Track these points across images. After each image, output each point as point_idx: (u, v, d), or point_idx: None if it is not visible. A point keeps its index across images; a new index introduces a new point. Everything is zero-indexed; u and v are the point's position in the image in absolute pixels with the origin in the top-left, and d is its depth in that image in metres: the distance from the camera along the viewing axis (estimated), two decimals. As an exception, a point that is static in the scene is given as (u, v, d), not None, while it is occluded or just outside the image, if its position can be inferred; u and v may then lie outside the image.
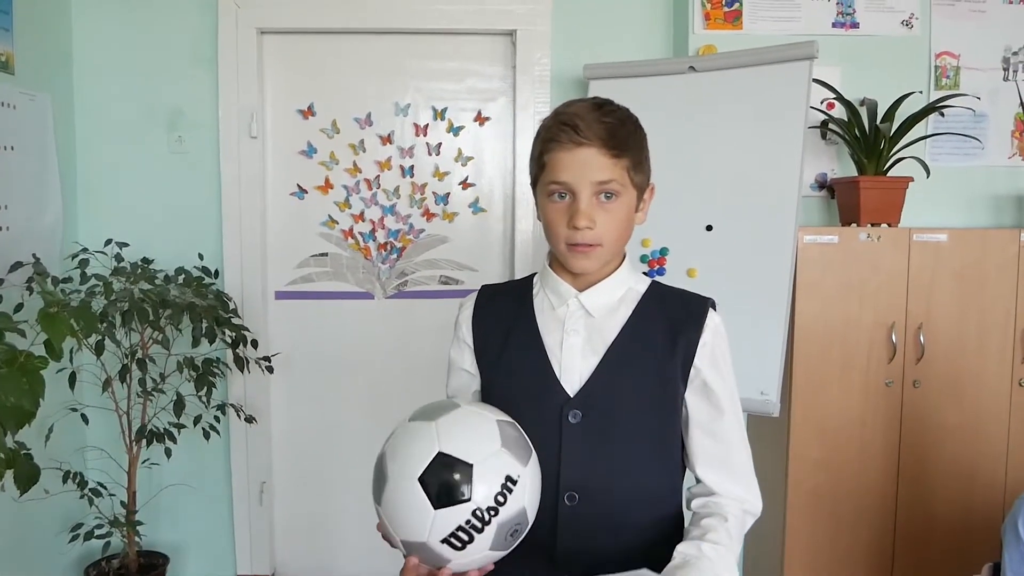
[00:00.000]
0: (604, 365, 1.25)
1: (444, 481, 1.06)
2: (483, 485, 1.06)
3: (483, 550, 1.08)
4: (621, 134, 1.21)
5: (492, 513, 1.06)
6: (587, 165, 1.19)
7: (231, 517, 3.12)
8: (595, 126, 1.19)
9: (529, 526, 1.13)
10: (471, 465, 1.06)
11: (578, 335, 1.27)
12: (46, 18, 2.80)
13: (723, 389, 1.28)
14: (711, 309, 1.30)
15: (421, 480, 1.06)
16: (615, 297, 1.29)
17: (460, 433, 1.10)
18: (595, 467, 1.24)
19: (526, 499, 1.10)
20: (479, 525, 1.06)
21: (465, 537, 1.06)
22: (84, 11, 2.94)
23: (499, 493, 1.06)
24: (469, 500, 1.05)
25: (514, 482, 1.08)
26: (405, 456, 1.10)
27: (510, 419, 1.16)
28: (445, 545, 1.07)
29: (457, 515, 1.05)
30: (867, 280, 2.56)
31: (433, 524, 1.06)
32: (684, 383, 1.27)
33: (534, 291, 1.35)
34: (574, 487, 1.24)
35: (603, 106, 1.23)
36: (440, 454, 1.07)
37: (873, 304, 2.56)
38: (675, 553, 1.18)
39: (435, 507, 1.06)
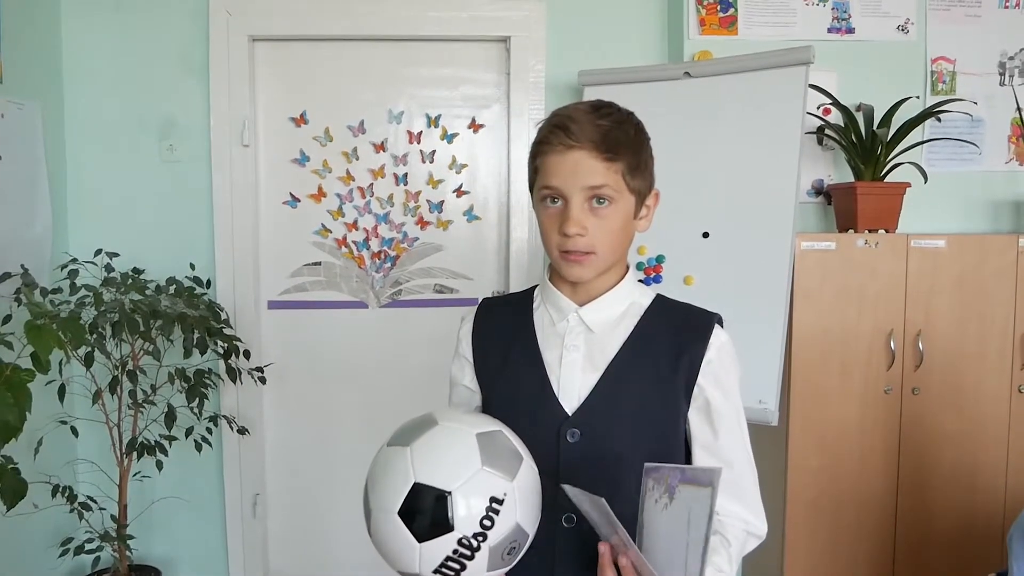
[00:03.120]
0: (603, 382, 1.21)
1: (423, 513, 1.01)
2: (465, 512, 1.01)
3: (480, 573, 1.04)
4: (616, 136, 1.16)
5: (480, 539, 1.01)
6: (578, 169, 1.15)
7: (224, 530, 3.08)
8: (588, 128, 1.15)
9: (531, 538, 1.09)
10: (449, 493, 1.01)
11: (578, 351, 1.23)
12: (35, 26, 2.78)
13: (727, 408, 1.24)
14: (717, 325, 1.25)
15: (401, 514, 1.02)
16: (617, 312, 1.25)
17: (436, 457, 1.04)
18: (593, 488, 1.20)
19: (518, 514, 1.05)
20: (468, 552, 1.02)
21: (456, 566, 1.02)
22: (74, 19, 2.91)
23: (484, 517, 1.01)
24: (452, 530, 1.01)
25: (500, 502, 1.02)
26: (383, 488, 1.05)
27: (495, 427, 1.11)
28: (439, 575, 1.03)
29: (443, 546, 1.01)
30: (865, 287, 2.54)
31: (421, 557, 1.02)
32: (687, 401, 1.23)
33: (535, 305, 1.31)
34: (572, 508, 1.19)
35: (600, 108, 1.19)
36: (416, 485, 1.02)
37: (871, 311, 2.54)
38: None
39: (419, 541, 1.02)
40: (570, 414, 1.21)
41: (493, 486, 1.03)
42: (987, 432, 2.60)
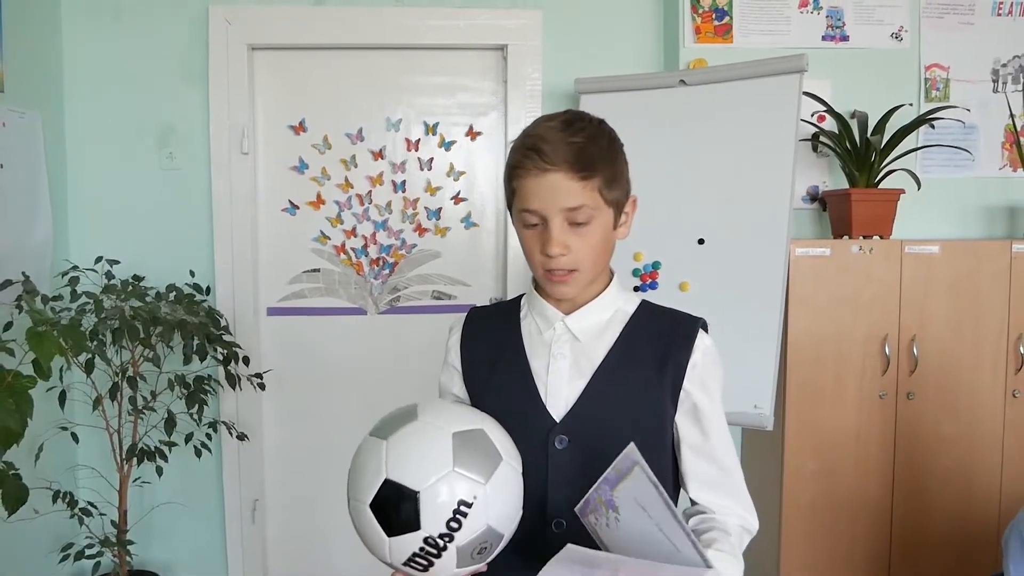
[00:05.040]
0: (590, 389, 1.23)
1: (392, 510, 1.04)
2: (432, 513, 1.03)
3: (450, 570, 1.06)
4: (589, 153, 1.16)
5: (446, 539, 1.03)
6: (555, 191, 1.15)
7: (223, 535, 3.09)
8: (561, 148, 1.14)
9: (505, 538, 1.10)
10: (417, 492, 1.03)
11: (565, 359, 1.25)
12: (36, 35, 2.80)
13: (713, 411, 1.25)
14: (701, 330, 1.27)
15: (372, 507, 1.05)
16: (602, 319, 1.26)
17: (409, 455, 1.06)
18: (583, 494, 1.22)
19: (490, 517, 1.06)
20: (434, 551, 1.04)
21: (424, 562, 1.05)
22: (74, 28, 2.94)
23: (451, 519, 1.03)
24: (419, 529, 1.03)
25: (469, 505, 1.04)
26: (359, 480, 1.08)
27: (477, 425, 1.12)
28: (409, 568, 1.06)
29: (410, 542, 1.04)
30: (860, 292, 2.56)
31: (391, 549, 1.05)
32: (674, 406, 1.24)
33: (522, 314, 1.32)
34: (561, 514, 1.21)
35: (572, 124, 1.18)
36: (387, 481, 1.05)
37: (866, 316, 2.56)
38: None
39: (387, 535, 1.05)
40: (558, 421, 1.23)
41: (463, 489, 1.05)
42: (982, 436, 2.62)
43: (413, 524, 1.03)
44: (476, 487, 1.05)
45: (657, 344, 1.25)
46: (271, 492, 3.17)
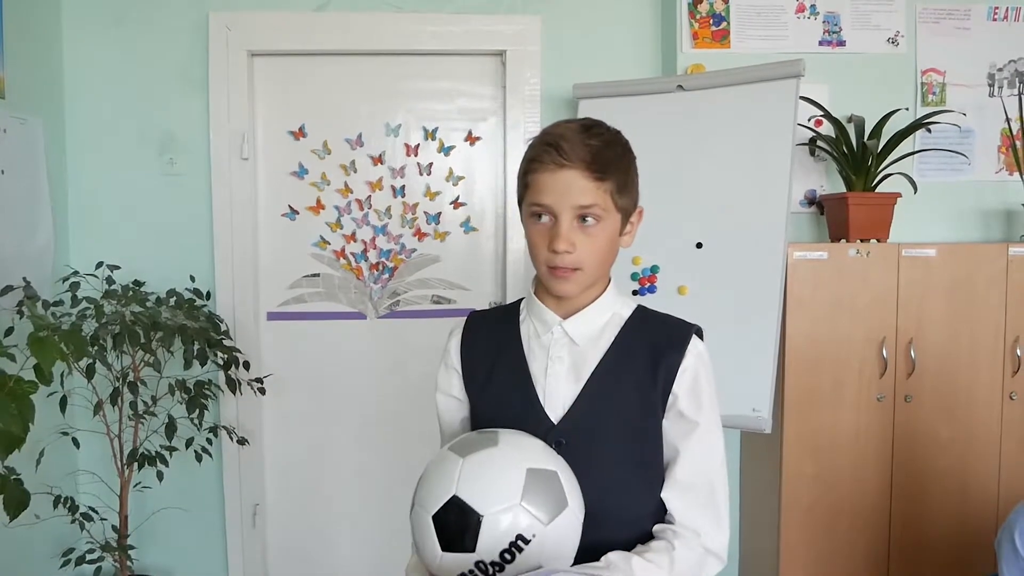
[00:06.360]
0: (587, 392, 1.25)
1: (452, 527, 1.05)
2: (489, 540, 1.03)
3: None
4: (606, 157, 1.19)
5: (496, 568, 1.04)
6: (569, 188, 1.18)
7: (224, 540, 3.10)
8: (579, 148, 1.18)
9: None
10: (481, 516, 1.03)
11: (562, 362, 1.27)
12: (37, 42, 2.81)
13: (700, 417, 1.25)
14: (695, 336, 1.28)
15: (434, 518, 1.06)
16: (599, 324, 1.28)
17: (481, 478, 1.07)
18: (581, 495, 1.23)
19: (544, 558, 1.06)
20: None
21: None
22: (75, 35, 2.95)
23: (506, 551, 1.03)
24: (473, 552, 1.03)
25: (526, 541, 1.04)
26: (429, 488, 1.09)
27: (553, 467, 1.11)
28: None
29: (461, 562, 1.04)
30: (857, 296, 2.57)
31: (441, 563, 1.06)
32: (663, 409, 1.26)
33: (520, 318, 1.34)
34: None
35: (590, 128, 1.22)
36: (454, 498, 1.05)
37: (863, 319, 2.57)
38: (603, 556, 1.15)
39: (442, 549, 1.05)
40: (555, 423, 1.25)
41: (524, 524, 1.05)
42: (979, 438, 2.63)
43: (469, 546, 1.03)
44: (537, 526, 1.05)
45: (651, 348, 1.27)
46: (271, 497, 3.18)
